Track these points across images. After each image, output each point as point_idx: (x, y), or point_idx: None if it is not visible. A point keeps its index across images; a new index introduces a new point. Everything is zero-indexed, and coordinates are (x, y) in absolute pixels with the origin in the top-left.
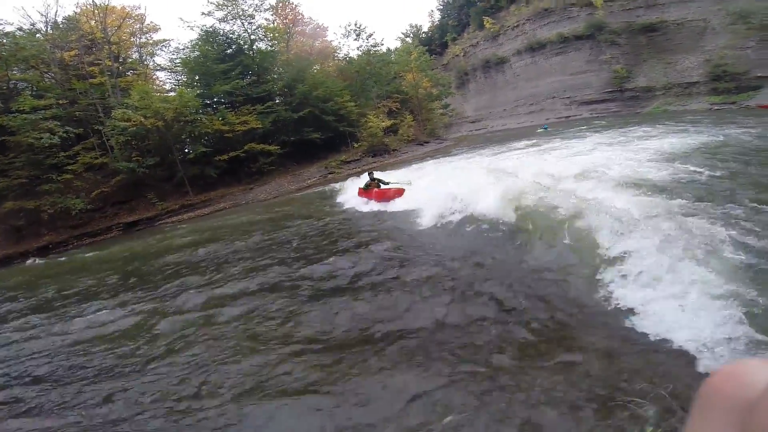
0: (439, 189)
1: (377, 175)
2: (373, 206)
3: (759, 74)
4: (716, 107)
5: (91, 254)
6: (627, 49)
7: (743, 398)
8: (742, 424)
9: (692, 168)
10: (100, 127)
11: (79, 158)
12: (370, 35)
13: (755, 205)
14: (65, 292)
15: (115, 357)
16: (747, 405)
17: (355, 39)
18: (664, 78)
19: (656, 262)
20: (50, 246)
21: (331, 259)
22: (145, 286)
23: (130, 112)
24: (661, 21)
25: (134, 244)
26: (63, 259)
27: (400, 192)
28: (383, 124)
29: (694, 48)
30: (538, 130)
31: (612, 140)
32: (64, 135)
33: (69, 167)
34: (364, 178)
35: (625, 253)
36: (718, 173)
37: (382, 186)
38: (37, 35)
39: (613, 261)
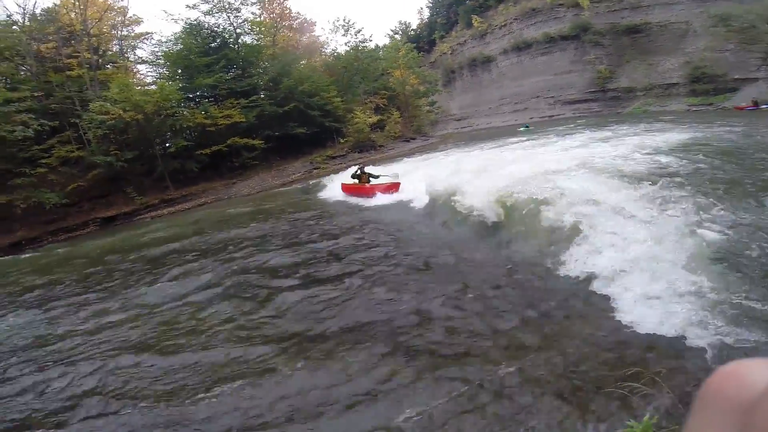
0: (425, 182)
1: (368, 169)
2: (358, 200)
3: (736, 76)
4: (694, 108)
5: (63, 250)
6: (611, 50)
7: (743, 398)
8: (742, 424)
9: (664, 161)
10: (77, 120)
11: (54, 151)
12: (359, 31)
13: (719, 197)
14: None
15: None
16: (747, 405)
17: (344, 34)
18: (646, 79)
19: (626, 255)
20: (23, 242)
21: (310, 249)
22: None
23: (108, 104)
24: (645, 23)
25: (112, 240)
26: (26, 256)
27: (395, 186)
28: (370, 120)
29: (676, 50)
30: (520, 129)
31: (593, 138)
32: (39, 128)
33: (43, 161)
34: (349, 173)
35: (599, 246)
36: (686, 168)
37: (373, 181)
38: (14, 27)
39: (588, 252)
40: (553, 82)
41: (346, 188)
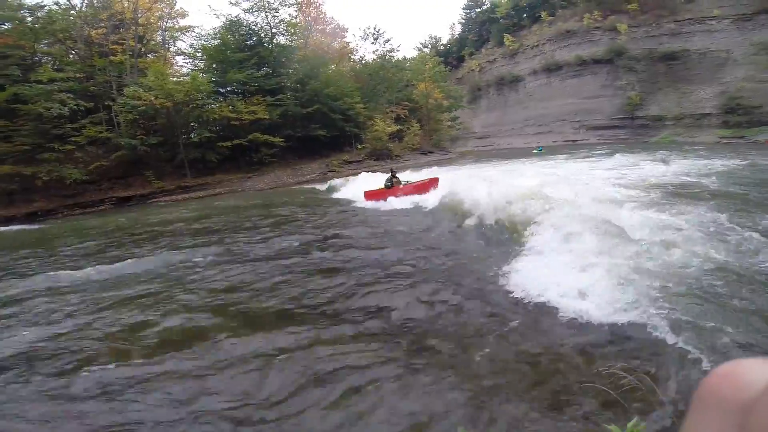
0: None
1: (400, 176)
2: (368, 203)
3: None
4: (724, 141)
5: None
6: (644, 77)
7: (741, 399)
8: (739, 425)
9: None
10: (111, 104)
11: (84, 131)
12: (388, 40)
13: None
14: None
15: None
16: (744, 406)
17: (373, 42)
18: (677, 108)
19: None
20: (39, 213)
21: (313, 238)
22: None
23: (141, 90)
24: (684, 50)
25: (123, 217)
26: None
27: (434, 181)
28: (389, 129)
29: (712, 79)
30: (533, 152)
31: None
32: (75, 107)
33: (73, 139)
34: (361, 179)
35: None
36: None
37: (403, 184)
38: (72, 11)
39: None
40: (580, 105)
41: (376, 194)
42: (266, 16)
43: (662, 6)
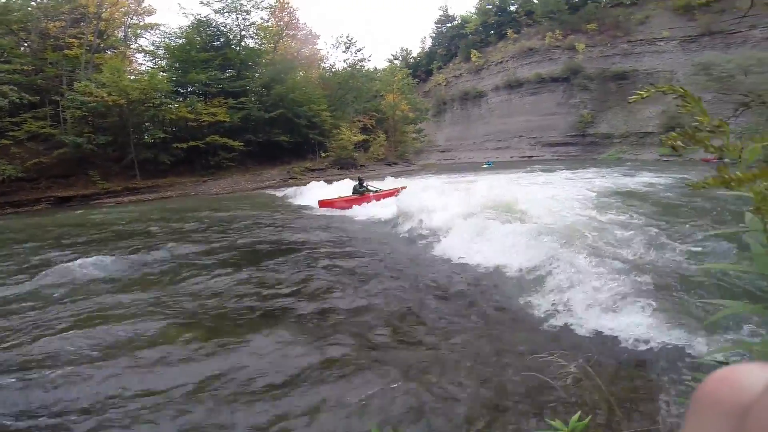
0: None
1: (368, 184)
2: (322, 210)
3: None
4: (664, 159)
5: None
6: (596, 95)
7: (738, 402)
8: (737, 428)
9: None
10: (59, 99)
11: (24, 125)
12: (360, 50)
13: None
14: None
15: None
16: (742, 409)
17: (344, 51)
18: (624, 126)
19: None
20: None
21: (266, 245)
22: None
23: (93, 85)
24: (633, 69)
25: (55, 218)
26: None
27: (396, 192)
28: (355, 138)
29: (656, 98)
30: (483, 166)
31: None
32: (17, 100)
33: (11, 133)
34: (315, 186)
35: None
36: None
37: (372, 192)
38: (32, 2)
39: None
40: (537, 122)
41: (324, 204)
42: (237, 17)
43: (618, 27)
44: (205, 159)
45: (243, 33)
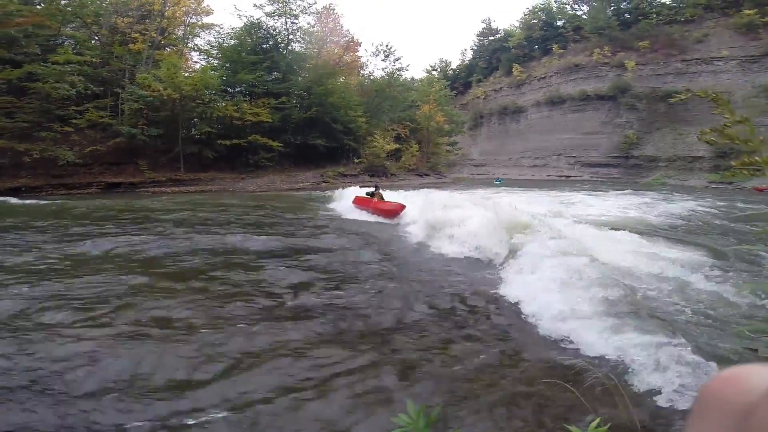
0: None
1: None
2: (356, 215)
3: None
4: (713, 186)
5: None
6: (644, 115)
7: (742, 403)
8: (741, 428)
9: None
10: (120, 91)
11: (87, 114)
12: (398, 59)
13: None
14: None
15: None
16: (746, 409)
17: (383, 59)
18: (672, 149)
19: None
20: (23, 189)
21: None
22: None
23: (150, 78)
24: (687, 90)
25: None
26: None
27: (400, 207)
28: (388, 146)
29: (709, 121)
30: (495, 183)
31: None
32: (83, 90)
33: (74, 121)
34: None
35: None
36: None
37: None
38: None
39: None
40: (578, 141)
41: (359, 201)
42: (286, 21)
43: (672, 44)
44: (245, 157)
45: (290, 37)
